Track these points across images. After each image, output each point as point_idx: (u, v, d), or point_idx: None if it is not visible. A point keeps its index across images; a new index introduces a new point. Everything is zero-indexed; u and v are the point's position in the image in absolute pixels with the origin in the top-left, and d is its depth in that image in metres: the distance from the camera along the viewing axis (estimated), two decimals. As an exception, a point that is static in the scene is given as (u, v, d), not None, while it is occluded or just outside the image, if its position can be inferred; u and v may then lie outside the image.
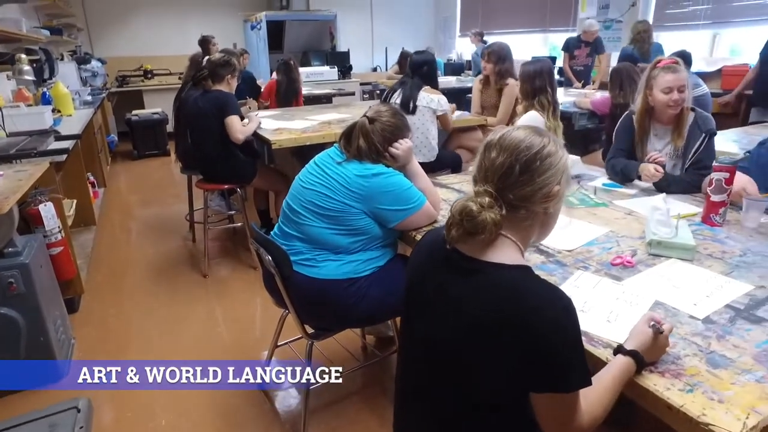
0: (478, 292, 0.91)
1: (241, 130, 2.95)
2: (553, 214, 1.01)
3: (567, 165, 0.97)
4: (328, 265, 1.58)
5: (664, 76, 2.02)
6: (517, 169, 0.92)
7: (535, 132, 0.97)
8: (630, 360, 0.96)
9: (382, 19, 9.49)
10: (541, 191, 0.94)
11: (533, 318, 0.85)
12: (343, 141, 1.67)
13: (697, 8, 6.02)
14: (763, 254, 1.46)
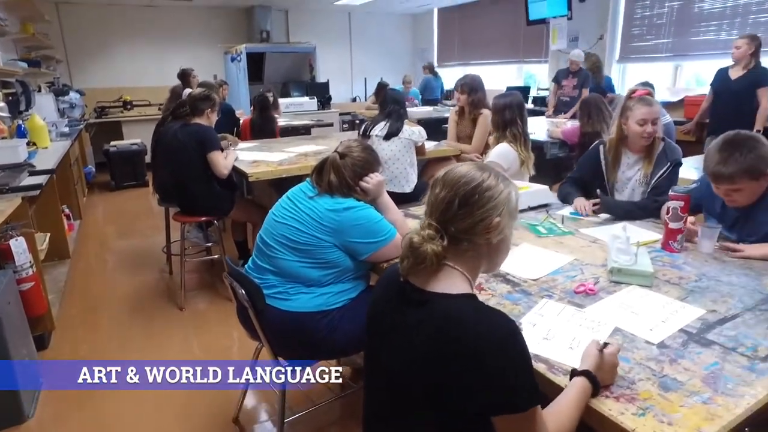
0: (426, 323, 0.95)
1: (225, 165, 3.00)
2: (499, 245, 1.04)
3: (509, 198, 1.02)
4: (300, 298, 1.61)
5: (640, 108, 2.13)
6: (456, 203, 0.98)
7: (478, 168, 1.03)
8: (584, 379, 1.00)
9: (360, 51, 9.73)
10: (481, 223, 0.99)
11: (479, 344, 0.88)
12: (315, 176, 1.71)
13: (659, 42, 6.33)
14: (717, 279, 1.53)
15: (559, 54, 7.05)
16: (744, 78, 4.18)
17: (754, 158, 1.60)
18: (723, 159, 1.62)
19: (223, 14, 8.49)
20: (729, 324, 1.27)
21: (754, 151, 1.60)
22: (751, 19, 5.41)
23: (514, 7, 7.74)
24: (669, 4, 6.13)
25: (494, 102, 2.87)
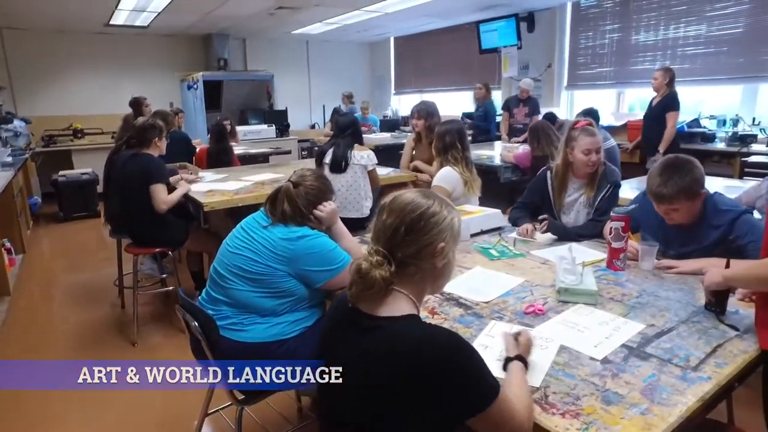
0: (376, 348, 0.97)
1: (164, 200, 2.90)
2: (443, 268, 1.09)
3: (453, 223, 1.07)
4: (255, 328, 1.59)
5: (584, 138, 2.25)
6: (403, 229, 1.02)
7: (423, 195, 1.08)
8: (516, 361, 1.14)
9: (319, 78, 9.83)
10: (427, 248, 1.03)
11: (426, 359, 0.92)
12: (269, 205, 1.72)
13: (602, 70, 6.70)
14: (656, 294, 1.62)
15: (512, 81, 7.35)
16: (660, 104, 4.75)
17: (690, 180, 1.72)
18: (663, 181, 1.74)
19: (180, 42, 8.44)
20: (665, 337, 1.35)
21: (690, 174, 1.73)
22: (679, 51, 5.83)
23: (468, 36, 8.05)
24: (609, 35, 6.53)
25: (436, 129, 2.96)
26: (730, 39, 5.40)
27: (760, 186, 2.74)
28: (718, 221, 1.78)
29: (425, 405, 0.92)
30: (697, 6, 5.61)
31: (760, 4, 5.14)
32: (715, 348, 1.29)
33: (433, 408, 0.92)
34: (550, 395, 1.10)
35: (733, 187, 3.33)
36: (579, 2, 6.74)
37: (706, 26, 5.57)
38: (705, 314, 1.47)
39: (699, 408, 1.07)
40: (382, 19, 7.53)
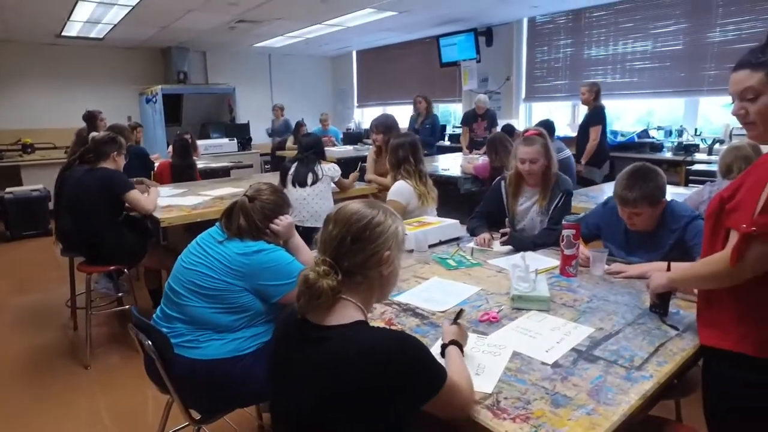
0: (327, 357, 0.99)
1: (150, 201, 2.93)
2: (389, 276, 1.12)
3: (397, 232, 1.11)
4: (211, 345, 1.57)
5: (521, 148, 2.36)
6: (348, 239, 1.05)
7: (368, 205, 1.11)
8: (453, 346, 1.23)
9: (281, 91, 9.80)
10: (373, 257, 1.06)
11: (379, 358, 0.95)
12: (224, 220, 1.71)
13: (558, 83, 6.95)
14: (605, 299, 1.69)
15: (472, 94, 7.52)
16: (585, 117, 5.13)
17: (653, 187, 1.85)
18: (629, 186, 1.86)
19: (138, 55, 8.27)
20: (612, 339, 1.40)
21: (654, 181, 1.86)
22: (627, 65, 6.12)
23: (429, 49, 8.20)
24: (563, 50, 6.78)
25: (390, 143, 3.02)
26: (672, 55, 5.71)
27: (702, 192, 2.90)
28: (674, 225, 1.91)
29: (383, 403, 0.95)
30: (642, 24, 5.91)
31: (696, 24, 5.47)
32: (657, 348, 1.35)
33: (391, 403, 0.96)
34: (501, 401, 1.13)
35: (679, 194, 3.50)
36: (534, 18, 6.98)
37: (651, 43, 5.87)
38: (650, 316, 1.54)
39: (641, 405, 1.12)
40: (343, 33, 7.60)
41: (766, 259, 1.15)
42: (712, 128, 5.76)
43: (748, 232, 1.14)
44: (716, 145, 5.10)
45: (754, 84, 1.19)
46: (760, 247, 1.14)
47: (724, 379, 1.28)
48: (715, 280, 1.26)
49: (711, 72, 5.42)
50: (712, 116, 6.06)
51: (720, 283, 1.25)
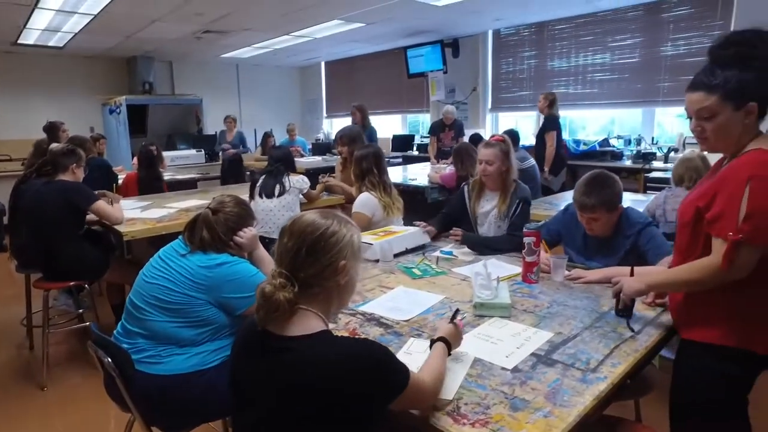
0: (293, 366, 1.00)
1: (116, 212, 2.89)
2: (347, 285, 1.14)
3: (352, 241, 1.12)
4: (173, 360, 1.54)
5: (481, 150, 2.48)
6: (304, 251, 1.06)
7: (323, 215, 1.12)
8: (440, 343, 1.27)
9: (250, 102, 9.74)
10: (329, 268, 1.08)
11: (347, 366, 0.97)
12: (187, 233, 1.69)
13: (523, 93, 7.13)
14: (565, 304, 1.74)
15: (439, 104, 7.63)
16: (541, 126, 5.37)
17: (610, 193, 1.95)
18: (587, 192, 1.95)
19: (101, 64, 8.08)
20: (570, 343, 1.45)
21: (611, 188, 1.96)
22: (588, 77, 6.34)
23: (396, 60, 8.30)
24: (527, 62, 6.97)
25: (354, 155, 3.04)
26: (630, 67, 5.94)
27: (659, 198, 3.03)
28: (629, 232, 1.99)
29: (349, 408, 0.97)
30: (601, 37, 6.14)
31: (650, 39, 5.73)
32: (612, 350, 1.40)
33: (358, 408, 0.98)
34: (462, 406, 1.15)
35: (639, 200, 3.64)
36: (499, 30, 7.16)
37: (610, 55, 6.10)
38: (606, 319, 1.60)
39: (595, 406, 1.16)
40: (311, 44, 7.62)
41: (753, 261, 1.29)
42: (668, 137, 6.01)
43: (736, 239, 1.26)
44: (671, 154, 5.31)
45: (709, 105, 1.33)
46: (747, 251, 1.28)
47: (704, 371, 1.41)
48: (704, 284, 1.37)
49: (665, 84, 5.67)
50: (668, 125, 6.32)
51: (708, 286, 1.37)
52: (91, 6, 5.01)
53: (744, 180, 1.28)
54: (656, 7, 5.61)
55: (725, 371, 1.37)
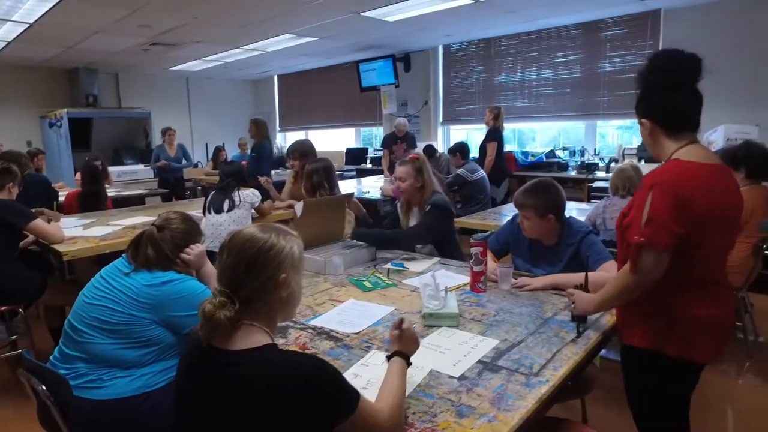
0: (238, 381, 0.99)
1: (57, 228, 2.78)
2: (289, 297, 1.12)
3: (292, 253, 1.10)
4: (116, 383, 1.49)
5: (396, 167, 2.67)
6: (243, 267, 1.05)
7: (261, 229, 1.11)
8: (397, 357, 1.22)
9: (201, 115, 9.55)
10: (270, 282, 1.07)
11: (293, 383, 0.96)
12: (131, 251, 1.64)
13: (473, 107, 7.33)
14: (511, 312, 1.79)
15: (392, 117, 7.74)
16: (484, 137, 5.61)
17: (545, 199, 2.05)
18: (525, 191, 2.09)
19: (40, 75, 7.74)
20: (515, 349, 1.50)
21: (548, 195, 2.06)
22: (534, 91, 6.62)
23: (349, 74, 8.37)
24: (476, 76, 7.20)
25: (305, 168, 3.06)
26: (572, 82, 6.25)
27: (599, 206, 3.19)
28: (571, 240, 2.10)
29: (294, 425, 0.96)
30: (544, 53, 6.43)
31: (589, 56, 6.06)
32: (555, 354, 1.46)
33: (302, 425, 0.96)
34: (409, 416, 1.17)
35: (583, 209, 3.81)
36: (450, 45, 7.37)
37: (553, 71, 6.39)
38: (550, 324, 1.66)
39: (537, 408, 1.20)
40: (263, 58, 7.59)
41: (657, 264, 1.36)
42: (610, 148, 6.33)
43: (638, 243, 1.35)
44: (612, 164, 5.60)
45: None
46: (648, 254, 1.36)
47: (630, 372, 1.59)
48: (625, 293, 1.46)
49: (605, 98, 5.99)
50: (609, 137, 6.67)
51: (631, 294, 1.45)
52: (26, 14, 4.81)
53: (648, 188, 1.38)
54: (594, 27, 5.94)
55: (645, 372, 1.52)
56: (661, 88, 1.45)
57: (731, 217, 1.46)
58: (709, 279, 1.45)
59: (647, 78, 1.48)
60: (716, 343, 1.47)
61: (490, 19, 5.72)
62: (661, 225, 1.34)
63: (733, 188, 1.47)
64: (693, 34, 5.06)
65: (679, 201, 1.34)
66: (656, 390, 1.54)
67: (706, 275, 1.44)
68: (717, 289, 1.47)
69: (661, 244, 1.34)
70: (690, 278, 1.42)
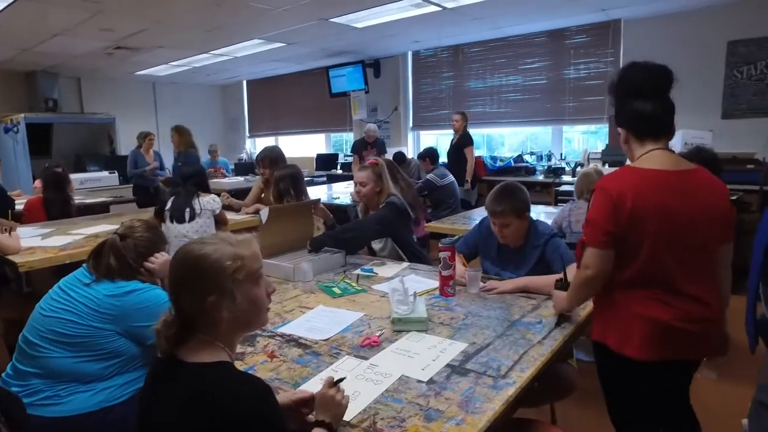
0: (182, 397, 0.97)
1: (13, 238, 2.68)
2: (247, 309, 1.06)
3: (238, 264, 1.04)
4: (75, 398, 1.44)
5: (355, 173, 2.73)
6: (184, 284, 1.03)
7: (207, 242, 1.06)
8: (318, 429, 1.08)
9: (168, 121, 9.29)
10: (204, 304, 1.01)
11: (232, 411, 0.93)
12: (92, 260, 1.60)
13: (442, 112, 7.41)
14: (479, 315, 1.81)
15: (362, 123, 7.75)
16: (457, 141, 5.73)
17: (518, 200, 2.10)
18: (497, 200, 2.10)
19: (-7, 78, 7.44)
20: (483, 352, 1.51)
21: (518, 195, 2.11)
22: (503, 96, 6.73)
23: (319, 80, 8.35)
24: (446, 82, 7.28)
25: (274, 175, 3.03)
26: (539, 88, 6.39)
27: (564, 210, 3.26)
28: (537, 242, 2.14)
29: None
30: (512, 60, 6.56)
31: (555, 63, 6.21)
32: (522, 355, 1.48)
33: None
34: (378, 422, 1.17)
35: (551, 212, 3.89)
36: (419, 52, 7.43)
37: (521, 77, 6.52)
38: (517, 327, 1.69)
39: (504, 410, 1.22)
40: (232, 63, 7.50)
41: (600, 261, 1.48)
42: (576, 153, 6.50)
43: (581, 241, 1.51)
44: (578, 168, 5.74)
45: None
46: (589, 252, 1.50)
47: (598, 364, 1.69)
48: (581, 289, 1.58)
49: (570, 104, 6.14)
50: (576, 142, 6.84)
51: (587, 289, 1.57)
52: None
53: (593, 192, 1.56)
54: (559, 34, 6.10)
55: (599, 365, 1.68)
56: (632, 98, 1.56)
57: (684, 220, 1.47)
58: (657, 280, 1.49)
59: (618, 88, 1.59)
60: (654, 344, 1.47)
61: (457, 26, 5.80)
62: (596, 225, 1.49)
63: (696, 191, 1.50)
64: (652, 43, 5.26)
65: (613, 202, 1.46)
66: (610, 383, 1.68)
67: (652, 275, 1.49)
68: (667, 294, 1.48)
69: (599, 242, 1.48)
70: (634, 276, 1.50)
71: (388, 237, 2.69)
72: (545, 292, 1.96)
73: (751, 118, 5.00)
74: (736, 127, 5.02)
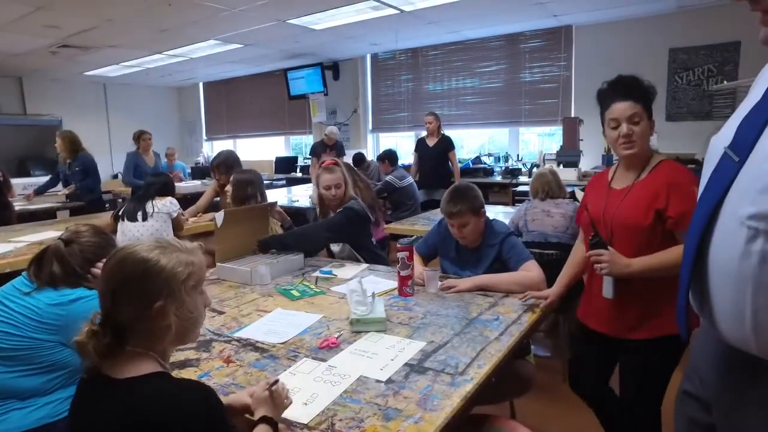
0: (117, 414, 0.90)
1: None
2: (185, 320, 1.01)
3: (175, 275, 0.98)
4: (12, 416, 1.35)
5: (324, 175, 2.66)
6: (117, 291, 0.96)
7: (145, 247, 0.99)
8: (263, 425, 1.05)
9: (121, 123, 9.02)
10: (145, 311, 0.95)
11: (173, 419, 0.88)
12: (33, 268, 1.51)
13: (401, 114, 7.47)
14: (437, 314, 1.83)
15: (321, 126, 7.71)
16: (438, 145, 5.56)
17: (472, 198, 2.13)
18: (452, 201, 2.12)
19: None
20: (441, 350, 1.52)
21: (472, 194, 2.15)
22: (461, 99, 6.85)
23: (278, 82, 8.25)
24: (405, 85, 7.34)
25: (234, 177, 2.95)
26: (496, 91, 6.53)
27: (520, 209, 3.33)
28: (493, 241, 2.17)
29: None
30: (469, 63, 6.68)
31: (511, 66, 6.37)
32: (479, 352, 1.50)
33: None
34: (336, 423, 1.15)
35: (508, 212, 3.97)
36: (377, 54, 7.46)
37: (479, 80, 6.65)
38: (475, 324, 1.71)
39: (462, 407, 1.23)
40: (187, 64, 7.31)
41: None
42: (532, 154, 6.67)
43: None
44: (534, 169, 5.89)
45: (638, 111, 1.62)
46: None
47: None
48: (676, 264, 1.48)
49: (526, 106, 6.30)
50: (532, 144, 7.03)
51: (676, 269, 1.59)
52: None
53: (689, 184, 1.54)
54: (514, 39, 6.25)
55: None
56: None
57: None
58: None
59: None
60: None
61: (414, 29, 5.86)
62: None
63: None
64: (601, 49, 5.47)
65: None
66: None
67: None
68: None
69: None
70: None
71: (341, 243, 2.68)
72: (502, 289, 2.00)
73: (692, 120, 5.28)
74: (678, 129, 5.30)
